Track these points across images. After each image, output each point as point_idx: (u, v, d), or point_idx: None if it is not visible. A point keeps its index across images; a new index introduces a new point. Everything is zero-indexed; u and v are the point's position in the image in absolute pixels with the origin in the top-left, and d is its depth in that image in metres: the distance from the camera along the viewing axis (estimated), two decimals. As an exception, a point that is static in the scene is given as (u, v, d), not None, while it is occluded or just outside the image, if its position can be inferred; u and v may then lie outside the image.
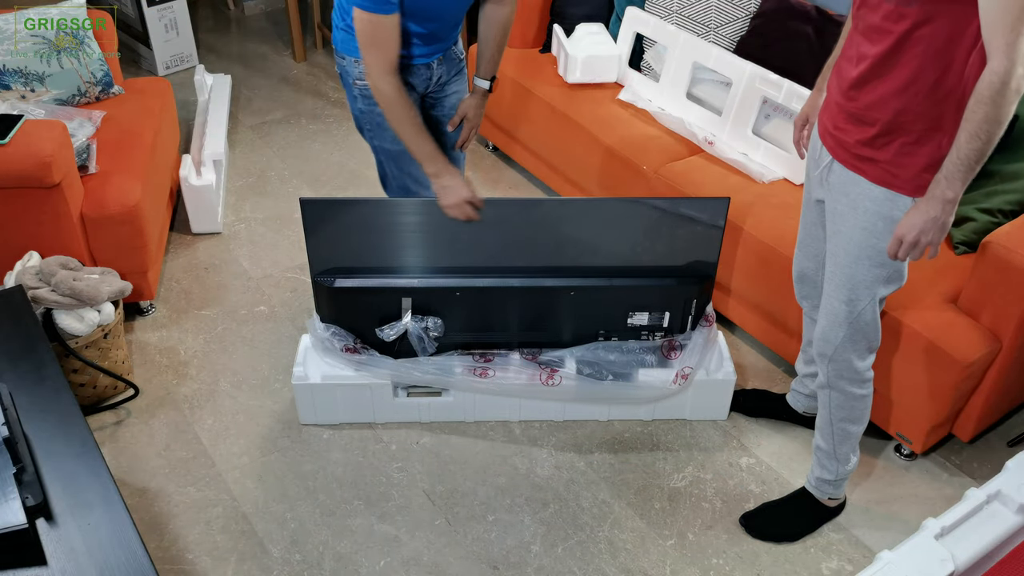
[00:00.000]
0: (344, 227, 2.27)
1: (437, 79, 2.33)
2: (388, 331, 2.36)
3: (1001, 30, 1.50)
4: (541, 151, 3.34)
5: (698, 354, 2.43)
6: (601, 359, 2.42)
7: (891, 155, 1.74)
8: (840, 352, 1.98)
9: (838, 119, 1.82)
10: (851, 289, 1.90)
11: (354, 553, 2.17)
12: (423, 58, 2.24)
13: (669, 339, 2.46)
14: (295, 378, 2.41)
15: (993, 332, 2.18)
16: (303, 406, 2.47)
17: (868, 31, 1.69)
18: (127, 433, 2.47)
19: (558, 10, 3.42)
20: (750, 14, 3.04)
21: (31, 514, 1.48)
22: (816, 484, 2.22)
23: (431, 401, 2.47)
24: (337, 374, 2.42)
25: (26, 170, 2.37)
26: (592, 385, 2.38)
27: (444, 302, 2.35)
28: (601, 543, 2.21)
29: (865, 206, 1.81)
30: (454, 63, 2.36)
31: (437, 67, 2.29)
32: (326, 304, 2.38)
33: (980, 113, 1.56)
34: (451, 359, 2.41)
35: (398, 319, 2.37)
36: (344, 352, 2.39)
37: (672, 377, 2.39)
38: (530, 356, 2.43)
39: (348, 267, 2.33)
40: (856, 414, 2.07)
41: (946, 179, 1.65)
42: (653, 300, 2.38)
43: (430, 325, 2.37)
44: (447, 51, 2.30)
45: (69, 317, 2.36)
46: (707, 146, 2.87)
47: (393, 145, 2.30)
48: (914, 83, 1.65)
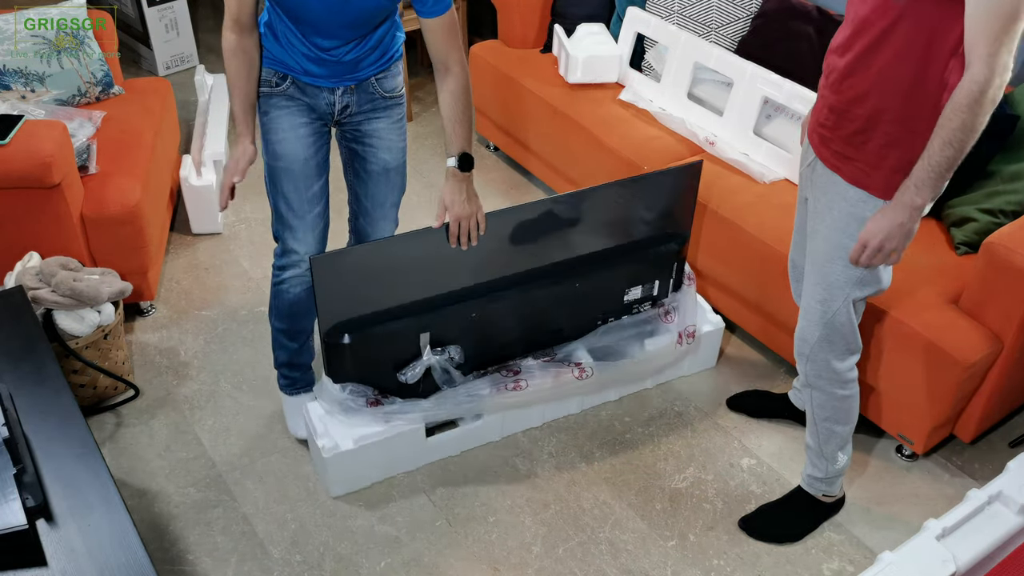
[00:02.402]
0: (353, 277, 2.12)
1: (343, 107, 2.15)
2: (410, 373, 2.25)
3: (984, 39, 1.50)
4: (542, 151, 3.34)
5: (690, 312, 2.52)
6: (609, 342, 2.46)
7: (866, 154, 1.75)
8: (816, 352, 1.98)
9: (822, 114, 1.83)
10: (825, 288, 1.90)
11: (354, 554, 2.17)
12: (321, 80, 2.08)
13: (662, 306, 2.51)
14: (325, 451, 2.19)
15: (994, 333, 2.18)
16: (335, 478, 2.26)
17: (857, 23, 1.70)
18: (127, 434, 2.47)
19: (559, 10, 3.42)
20: (751, 14, 3.04)
21: (31, 515, 1.48)
22: (808, 482, 2.22)
23: (462, 429, 2.39)
24: (367, 432, 2.23)
25: (26, 170, 2.37)
26: (614, 369, 2.42)
27: (460, 327, 2.28)
28: (602, 544, 2.21)
29: (840, 206, 1.82)
30: (372, 97, 2.16)
31: (342, 95, 2.12)
32: (340, 363, 2.20)
33: (956, 120, 1.56)
34: (478, 383, 2.33)
35: (415, 358, 2.25)
36: (369, 407, 2.24)
37: (676, 339, 2.47)
38: (547, 358, 2.43)
39: (359, 318, 2.17)
40: (840, 415, 2.06)
41: (915, 186, 1.65)
42: (645, 272, 2.45)
43: (452, 354, 2.29)
44: (360, 83, 2.13)
45: (69, 318, 2.35)
46: (708, 146, 2.87)
47: (272, 160, 2.14)
48: (891, 79, 1.66)
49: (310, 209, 2.18)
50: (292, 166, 2.13)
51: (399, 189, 2.33)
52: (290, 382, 2.45)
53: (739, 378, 2.68)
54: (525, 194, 3.51)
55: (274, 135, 2.12)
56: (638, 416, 2.55)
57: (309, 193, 2.16)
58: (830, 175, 1.83)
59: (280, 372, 2.45)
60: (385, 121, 2.21)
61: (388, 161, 2.25)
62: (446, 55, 2.03)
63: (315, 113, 2.15)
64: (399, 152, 2.27)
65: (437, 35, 2.01)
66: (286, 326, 2.33)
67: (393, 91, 2.20)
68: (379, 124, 2.21)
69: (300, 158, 2.13)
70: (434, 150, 3.77)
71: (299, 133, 2.12)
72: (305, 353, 2.42)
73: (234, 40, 2.02)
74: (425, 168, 3.65)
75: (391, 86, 2.19)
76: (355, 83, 2.12)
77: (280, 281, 2.25)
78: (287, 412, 2.47)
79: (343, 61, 2.06)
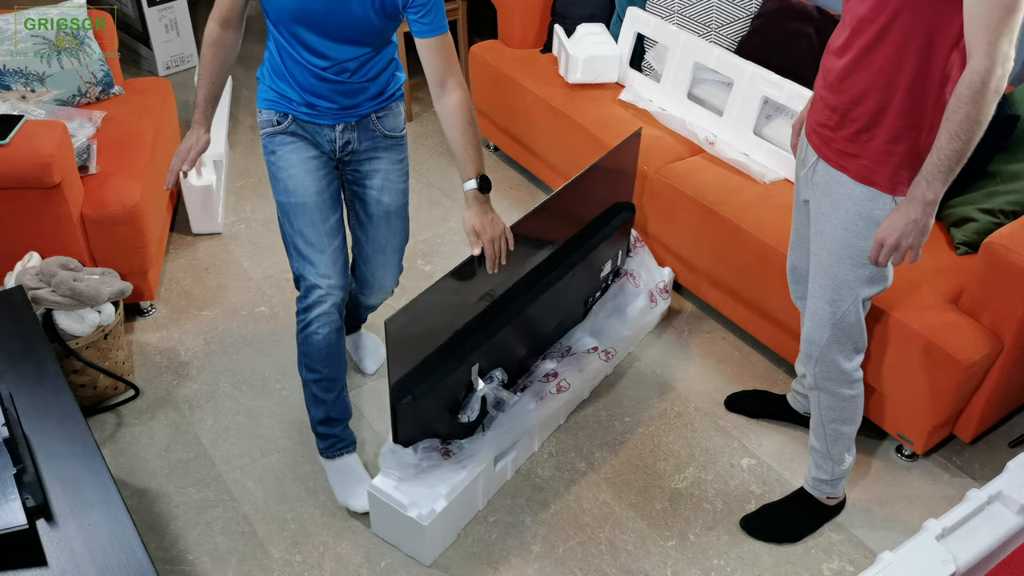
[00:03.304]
0: (418, 327, 2.01)
1: (344, 143, 2.11)
2: (470, 411, 2.17)
3: (983, 30, 1.51)
4: (542, 151, 3.34)
5: (648, 270, 2.60)
6: (602, 320, 2.50)
7: (872, 151, 1.74)
8: (825, 353, 1.98)
9: (822, 114, 1.82)
10: (834, 289, 1.90)
11: (354, 554, 2.17)
12: (322, 116, 2.06)
13: (625, 273, 2.59)
14: (423, 520, 2.03)
15: (994, 333, 2.18)
16: (432, 543, 2.12)
17: (855, 23, 1.70)
18: (127, 434, 2.47)
19: (559, 10, 3.42)
20: (751, 14, 3.04)
21: (31, 515, 1.48)
22: (813, 484, 2.22)
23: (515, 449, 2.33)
24: (451, 484, 2.11)
25: (26, 170, 2.37)
26: (621, 342, 2.47)
27: (498, 348, 2.22)
28: (602, 544, 2.21)
29: (846, 206, 1.81)
30: (373, 135, 2.13)
31: (343, 131, 2.09)
32: (409, 423, 2.06)
33: (960, 113, 1.56)
34: (523, 400, 2.27)
35: (469, 394, 2.18)
36: (444, 459, 2.13)
37: (648, 299, 2.55)
38: (564, 352, 2.44)
39: (420, 368, 2.05)
40: (847, 415, 2.06)
41: (926, 180, 1.66)
42: (610, 246, 2.54)
43: (498, 377, 2.24)
44: (361, 120, 2.10)
45: (69, 318, 2.35)
46: (708, 146, 2.87)
47: (284, 197, 2.09)
48: (894, 76, 1.66)
49: (329, 242, 2.09)
50: (306, 199, 2.07)
51: (401, 234, 2.27)
52: (330, 442, 2.26)
53: (739, 378, 2.68)
54: (526, 194, 3.52)
55: (283, 171, 2.08)
56: (638, 416, 2.55)
57: (326, 226, 2.09)
58: (833, 175, 1.83)
59: (318, 432, 2.26)
60: (386, 162, 2.17)
61: (388, 204, 2.20)
62: (444, 75, 1.98)
63: (320, 148, 2.12)
64: (399, 195, 2.21)
65: (435, 54, 1.97)
66: (320, 375, 2.16)
67: (394, 131, 2.17)
68: (380, 164, 2.17)
69: (312, 191, 2.08)
70: (434, 150, 3.77)
71: (309, 167, 2.09)
72: (342, 405, 2.23)
73: (217, 32, 2.03)
74: (425, 168, 3.65)
75: (392, 125, 2.16)
76: (355, 119, 2.09)
77: (307, 325, 2.11)
78: (333, 481, 2.27)
79: (341, 85, 2.02)
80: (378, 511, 2.14)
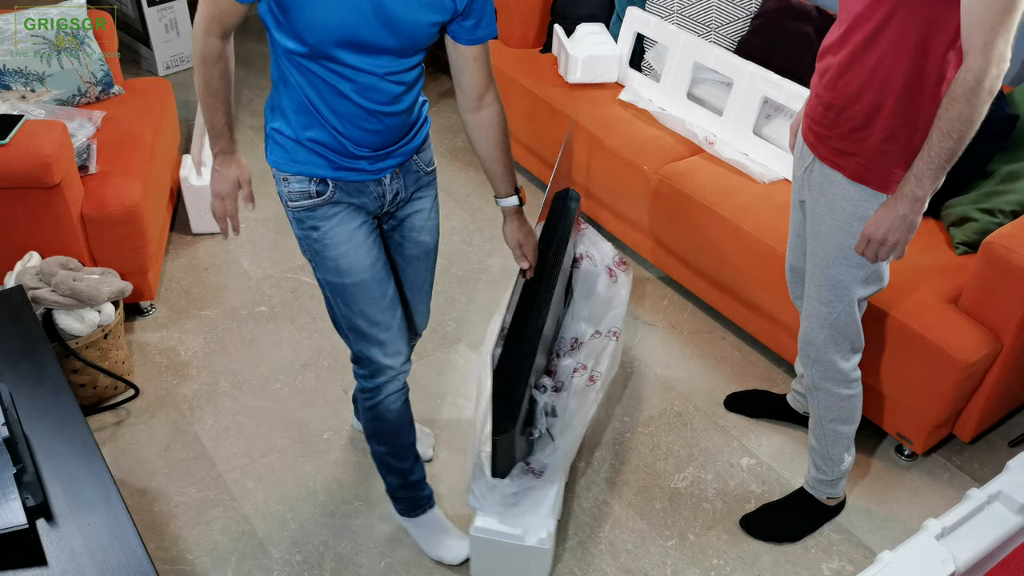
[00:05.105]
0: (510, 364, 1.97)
1: (394, 195, 1.87)
2: (540, 427, 2.11)
3: (980, 28, 1.51)
4: (541, 152, 3.34)
5: (600, 248, 2.56)
6: (585, 307, 2.48)
7: (867, 149, 1.74)
8: (823, 354, 1.98)
9: (818, 112, 1.82)
10: (830, 290, 1.90)
11: (354, 554, 2.17)
12: (367, 170, 1.78)
13: (583, 256, 2.56)
14: (543, 544, 2.00)
15: (994, 332, 2.18)
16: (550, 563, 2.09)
17: (851, 20, 1.70)
18: (127, 434, 2.47)
19: (559, 10, 3.42)
20: (751, 14, 3.04)
21: (31, 514, 1.48)
22: (813, 484, 2.22)
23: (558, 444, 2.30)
24: (549, 501, 2.06)
25: (26, 170, 2.37)
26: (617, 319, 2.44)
27: (541, 354, 2.13)
28: (601, 544, 2.21)
29: (842, 206, 1.81)
30: (418, 176, 1.90)
31: (391, 182, 1.84)
32: (507, 455, 1.99)
33: (954, 111, 1.57)
34: (563, 400, 2.20)
35: (532, 407, 2.10)
36: (533, 478, 2.07)
37: (608, 274, 2.51)
38: (572, 344, 2.43)
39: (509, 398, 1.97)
40: (845, 415, 2.07)
41: (916, 177, 1.66)
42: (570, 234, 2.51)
43: (547, 385, 2.19)
44: (405, 163, 1.84)
45: (69, 317, 2.36)
46: (708, 146, 2.87)
47: (337, 277, 1.83)
48: (889, 74, 1.66)
49: (394, 316, 1.90)
50: (363, 277, 1.84)
51: (433, 271, 2.10)
52: (410, 504, 2.15)
53: (739, 378, 2.68)
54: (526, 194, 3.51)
55: (332, 251, 1.82)
56: (637, 416, 2.55)
57: (387, 299, 1.89)
58: (829, 176, 1.83)
59: (396, 499, 2.16)
60: (428, 199, 1.96)
61: (428, 243, 2.01)
62: (485, 88, 1.77)
63: (365, 211, 1.85)
64: (436, 230, 2.02)
65: (478, 65, 1.74)
66: (392, 447, 2.05)
67: (431, 163, 1.96)
68: (423, 204, 1.95)
69: (367, 264, 1.84)
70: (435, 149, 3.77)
71: (357, 240, 1.83)
72: (419, 467, 2.12)
73: (219, 46, 1.73)
74: (425, 168, 3.65)
75: (429, 157, 1.94)
76: (401, 160, 1.83)
77: (377, 403, 1.97)
78: (420, 538, 2.17)
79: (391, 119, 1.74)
80: (483, 553, 2.06)
